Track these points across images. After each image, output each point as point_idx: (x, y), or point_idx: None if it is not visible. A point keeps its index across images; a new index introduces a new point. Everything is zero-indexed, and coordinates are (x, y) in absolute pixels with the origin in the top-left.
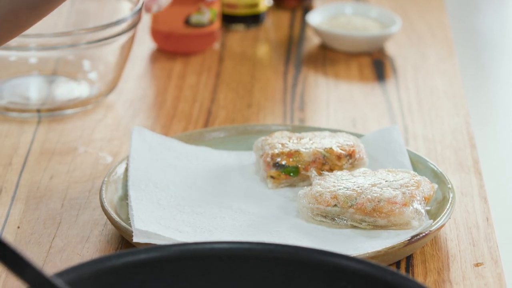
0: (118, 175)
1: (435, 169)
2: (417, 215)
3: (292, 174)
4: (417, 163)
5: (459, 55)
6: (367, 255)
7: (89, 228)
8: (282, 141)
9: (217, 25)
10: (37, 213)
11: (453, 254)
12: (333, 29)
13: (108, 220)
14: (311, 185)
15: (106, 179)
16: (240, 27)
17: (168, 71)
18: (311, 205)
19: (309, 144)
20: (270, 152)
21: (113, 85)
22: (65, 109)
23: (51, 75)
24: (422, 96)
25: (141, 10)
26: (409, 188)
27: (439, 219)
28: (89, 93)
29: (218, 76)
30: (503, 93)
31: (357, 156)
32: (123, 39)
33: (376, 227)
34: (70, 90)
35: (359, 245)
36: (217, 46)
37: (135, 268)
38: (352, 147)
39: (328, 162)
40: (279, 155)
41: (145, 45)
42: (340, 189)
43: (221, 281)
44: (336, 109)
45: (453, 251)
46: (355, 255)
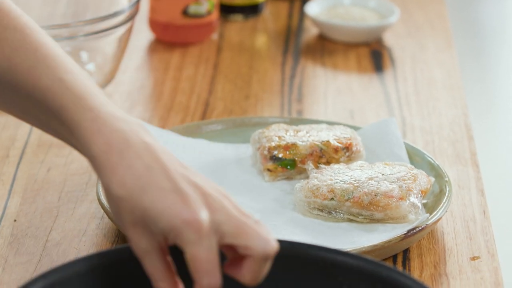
0: None
1: (432, 162)
2: (413, 208)
3: (289, 167)
4: (414, 156)
5: (457, 46)
6: (364, 249)
7: (86, 221)
8: (279, 134)
9: (215, 15)
10: (34, 206)
11: (450, 247)
12: (331, 20)
13: (105, 213)
14: (308, 178)
15: None
16: (238, 18)
17: (166, 62)
18: (307, 198)
19: (306, 137)
20: (267, 145)
21: (110, 77)
22: None
23: None
24: (420, 87)
25: (138, 1)
26: (405, 181)
27: (435, 212)
28: None
29: (216, 67)
30: (502, 84)
31: (354, 149)
32: (121, 30)
33: (372, 220)
34: None
35: (356, 238)
36: (215, 36)
37: (131, 262)
38: (349, 140)
39: (325, 155)
40: (276, 148)
41: (143, 35)
42: (336, 183)
43: None
44: (334, 101)
45: (449, 244)
46: (351, 249)
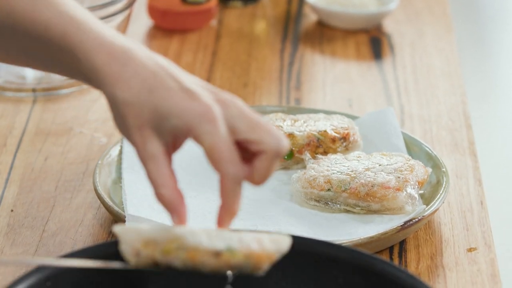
0: (112, 157)
1: (430, 152)
2: (410, 199)
3: (286, 157)
4: (412, 146)
5: (457, 31)
6: (360, 241)
7: (82, 211)
8: (276, 124)
9: (214, 2)
10: (31, 196)
11: (447, 238)
12: (330, 6)
13: (101, 204)
14: (305, 168)
15: (99, 162)
16: (237, 4)
17: (164, 49)
18: (304, 189)
19: (303, 126)
20: None
21: None
22: (60, 88)
23: None
24: (418, 75)
25: None
26: (402, 172)
27: (432, 204)
28: None
29: (214, 54)
30: (502, 71)
31: (351, 139)
32: (119, 18)
33: (369, 211)
34: None
35: (353, 230)
36: (214, 23)
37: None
38: (346, 129)
39: (322, 145)
40: None
41: (142, 21)
42: (333, 173)
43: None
44: (332, 89)
45: (446, 235)
46: (348, 240)
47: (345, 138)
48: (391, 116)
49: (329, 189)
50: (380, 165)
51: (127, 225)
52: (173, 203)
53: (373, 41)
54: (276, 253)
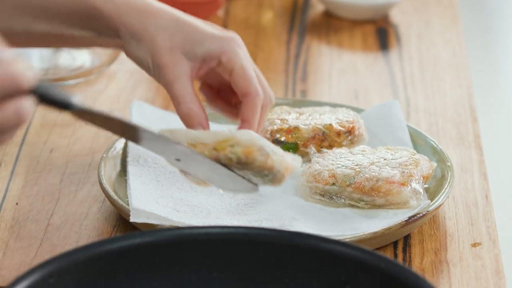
0: (117, 150)
1: (435, 145)
2: (415, 194)
3: (291, 150)
4: (417, 139)
5: (464, 21)
6: (364, 236)
7: (87, 204)
8: (281, 117)
9: None
10: (36, 189)
11: (451, 233)
12: None
13: (106, 197)
14: (310, 162)
15: (104, 155)
16: None
17: None
18: (309, 183)
19: (308, 120)
20: (269, 128)
21: (114, 55)
22: (67, 79)
23: None
24: (425, 66)
25: None
26: (407, 167)
27: (437, 199)
28: (91, 63)
29: None
30: (508, 62)
31: (356, 132)
32: None
33: (374, 206)
34: (72, 59)
35: (357, 224)
36: (221, 13)
37: (129, 252)
38: (351, 123)
39: (327, 138)
40: (278, 131)
41: None
42: (338, 168)
43: (215, 265)
44: (338, 80)
45: (451, 230)
46: (352, 235)
47: (350, 131)
48: (396, 109)
49: (333, 184)
50: (385, 160)
51: (173, 128)
52: (200, 117)
53: (380, 31)
54: (295, 169)
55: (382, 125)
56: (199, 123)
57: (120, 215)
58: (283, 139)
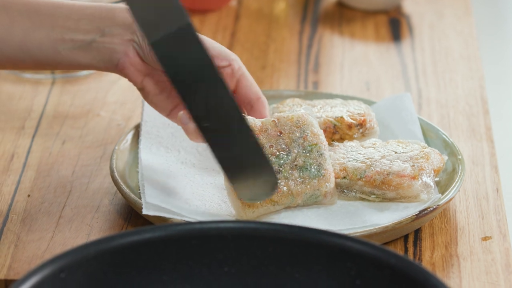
0: (129, 142)
1: (447, 139)
2: (426, 188)
3: None
4: (429, 132)
5: (476, 12)
6: (375, 230)
7: (99, 197)
8: (293, 109)
9: None
10: (48, 181)
11: (462, 227)
12: None
13: (117, 190)
14: None
15: (116, 148)
16: None
17: None
18: None
19: (320, 112)
20: None
21: None
22: (79, 70)
23: None
24: (437, 57)
25: None
26: (418, 160)
27: (447, 192)
28: None
29: (233, 35)
30: None
31: (368, 125)
32: None
33: (384, 199)
34: None
35: (367, 217)
36: (234, 3)
37: (140, 247)
38: (363, 116)
39: (338, 131)
40: None
41: None
42: (349, 161)
43: (225, 260)
44: (350, 71)
45: (461, 224)
46: (363, 229)
47: (361, 124)
48: (408, 101)
49: (344, 177)
50: (396, 153)
51: None
52: None
53: (392, 22)
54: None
55: (393, 117)
56: None
57: (131, 208)
58: None
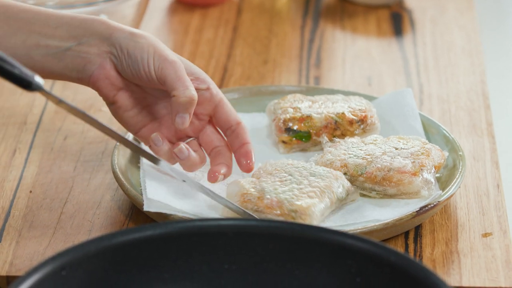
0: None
1: (447, 135)
2: (426, 184)
3: (303, 139)
4: (430, 128)
5: (479, 7)
6: (375, 227)
7: (100, 193)
8: (294, 105)
9: None
10: (50, 176)
11: (462, 223)
12: None
13: (119, 186)
14: (323, 150)
15: (118, 144)
16: None
17: (186, 24)
18: None
19: (321, 108)
20: (282, 116)
21: None
22: None
23: None
24: (439, 52)
25: None
26: (419, 156)
27: (448, 189)
28: None
29: (235, 30)
30: None
31: (369, 121)
32: None
33: (385, 196)
34: None
35: (368, 213)
36: None
37: (141, 244)
38: (364, 112)
39: (340, 127)
40: (291, 120)
41: None
42: (350, 157)
43: (226, 257)
44: (352, 66)
45: (462, 220)
46: (363, 226)
47: (362, 120)
48: (409, 97)
49: (345, 173)
50: (396, 149)
51: None
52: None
53: (394, 16)
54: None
55: (394, 113)
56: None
57: (132, 205)
58: (295, 127)
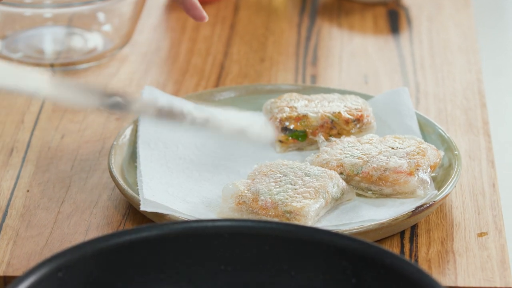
0: (127, 137)
1: (443, 134)
2: (422, 184)
3: (300, 138)
4: (426, 127)
5: (476, 4)
6: (371, 227)
7: (97, 192)
8: (290, 104)
9: None
10: (47, 175)
11: (458, 223)
12: None
13: (116, 185)
14: (319, 149)
15: (115, 143)
16: None
17: (183, 22)
18: None
19: (317, 107)
20: (278, 116)
21: (127, 38)
22: (79, 63)
23: (67, 26)
24: (435, 50)
25: None
26: (415, 156)
27: (443, 189)
28: (103, 46)
29: (232, 27)
30: None
31: (365, 120)
32: None
33: (381, 195)
34: (84, 41)
35: (364, 213)
36: None
37: (137, 245)
38: (360, 111)
39: (336, 126)
40: (287, 119)
41: None
42: (346, 157)
43: (222, 258)
44: (348, 64)
45: (457, 219)
46: (359, 226)
47: (358, 120)
48: (405, 96)
49: (341, 173)
50: (392, 149)
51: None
52: None
53: (390, 14)
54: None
55: (391, 112)
56: None
57: (129, 204)
58: (292, 127)
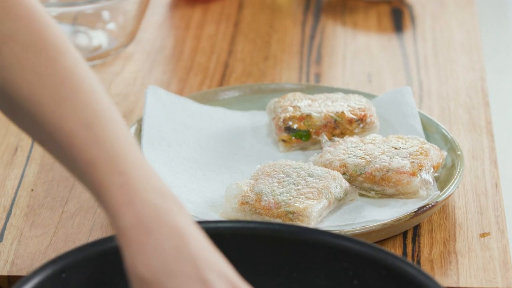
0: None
1: (446, 134)
2: (425, 184)
3: (303, 138)
4: (429, 127)
5: (479, 2)
6: (374, 227)
7: None
8: (294, 104)
9: None
10: (51, 174)
11: (460, 223)
12: None
13: None
14: (322, 149)
15: None
16: None
17: (187, 20)
18: None
19: (321, 107)
20: (282, 115)
21: (132, 36)
22: None
23: (71, 24)
24: (439, 48)
25: None
26: (417, 157)
27: (446, 189)
28: (108, 44)
29: (236, 25)
30: None
31: (368, 120)
32: None
33: (384, 195)
34: (89, 39)
35: (366, 213)
36: None
37: None
38: (363, 111)
39: (339, 126)
40: (290, 118)
41: None
42: (349, 157)
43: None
44: (352, 63)
45: (460, 219)
46: (361, 226)
47: (362, 119)
48: (408, 95)
49: (344, 173)
50: (395, 149)
51: None
52: None
53: (394, 12)
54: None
55: (394, 112)
56: None
57: None
58: (295, 126)
